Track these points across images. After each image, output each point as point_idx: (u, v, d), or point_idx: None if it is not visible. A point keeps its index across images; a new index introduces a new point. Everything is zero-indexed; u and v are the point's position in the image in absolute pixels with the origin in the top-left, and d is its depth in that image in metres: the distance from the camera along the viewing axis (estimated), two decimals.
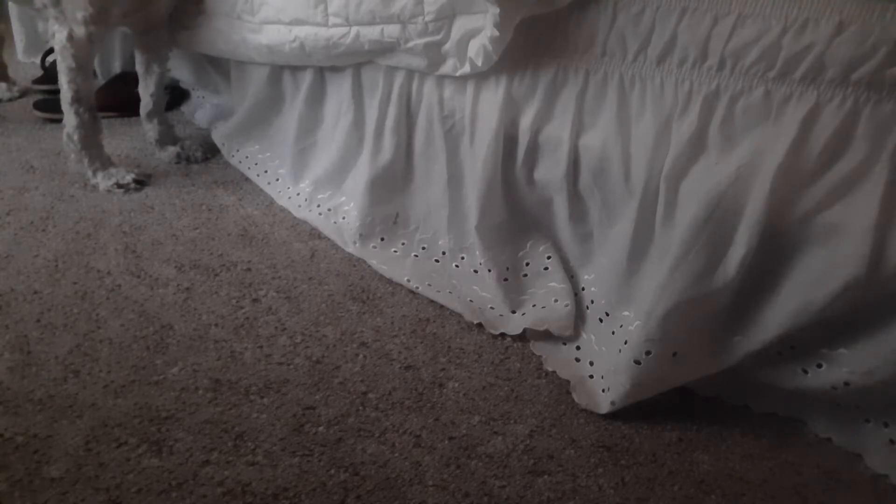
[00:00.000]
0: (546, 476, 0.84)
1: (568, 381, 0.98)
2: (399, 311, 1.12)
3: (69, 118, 1.35)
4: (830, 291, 0.80)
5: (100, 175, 1.41)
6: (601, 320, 1.01)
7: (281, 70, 1.37)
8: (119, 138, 1.66)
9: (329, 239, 1.30)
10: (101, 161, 1.42)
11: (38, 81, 1.92)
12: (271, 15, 1.26)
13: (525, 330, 1.05)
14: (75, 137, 1.36)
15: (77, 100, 1.33)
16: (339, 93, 1.28)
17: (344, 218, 1.30)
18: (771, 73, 0.83)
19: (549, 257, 1.11)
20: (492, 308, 1.10)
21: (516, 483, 0.83)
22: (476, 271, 1.14)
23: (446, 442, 0.88)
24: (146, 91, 1.53)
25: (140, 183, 1.44)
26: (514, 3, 0.94)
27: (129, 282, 1.14)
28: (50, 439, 0.83)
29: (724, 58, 0.85)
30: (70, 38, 1.28)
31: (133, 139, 1.65)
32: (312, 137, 1.37)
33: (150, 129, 1.56)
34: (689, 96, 0.89)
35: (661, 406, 0.94)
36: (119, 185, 1.41)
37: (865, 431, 0.89)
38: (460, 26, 1.03)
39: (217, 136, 1.60)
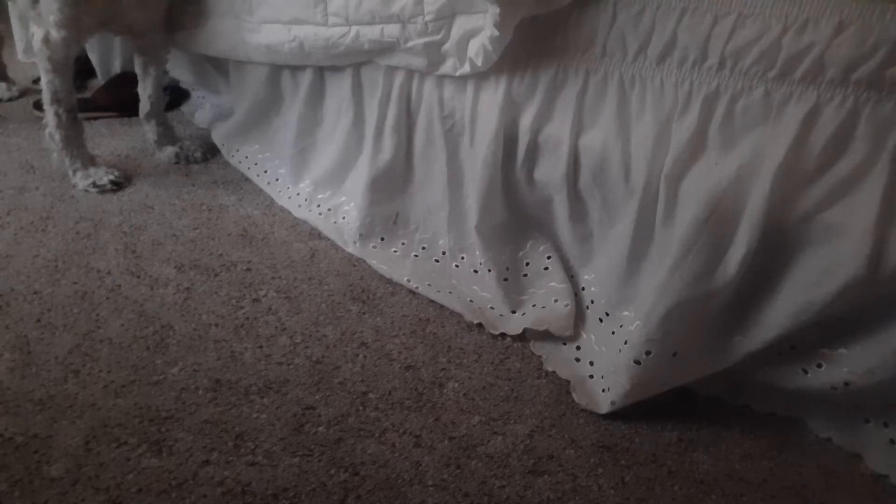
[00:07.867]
0: (546, 476, 0.84)
1: (568, 381, 0.98)
2: (399, 311, 1.12)
3: (49, 117, 1.36)
4: (830, 291, 0.80)
5: (79, 175, 1.41)
6: (601, 320, 1.01)
7: (280, 70, 1.37)
8: (119, 138, 1.66)
9: (329, 239, 1.30)
10: (83, 161, 1.42)
11: (38, 81, 1.90)
12: (270, 14, 1.26)
13: (525, 330, 1.05)
14: (56, 137, 1.37)
15: (56, 100, 1.34)
16: (338, 92, 1.28)
17: (344, 218, 1.30)
18: (771, 73, 0.83)
19: (549, 257, 1.11)
20: (492, 308, 1.10)
21: (516, 483, 0.83)
22: (476, 271, 1.14)
23: (446, 442, 0.88)
24: (144, 92, 1.53)
25: (117, 185, 1.43)
26: (514, 3, 0.94)
27: (129, 282, 1.14)
28: (50, 439, 0.83)
29: (724, 58, 0.85)
30: (46, 39, 1.28)
31: (133, 139, 1.65)
32: (312, 137, 1.37)
33: (150, 130, 1.56)
34: (689, 96, 0.89)
35: (661, 406, 0.94)
36: (95, 185, 1.41)
37: (865, 431, 0.89)
38: (460, 26, 1.03)
39: (217, 136, 1.60)
